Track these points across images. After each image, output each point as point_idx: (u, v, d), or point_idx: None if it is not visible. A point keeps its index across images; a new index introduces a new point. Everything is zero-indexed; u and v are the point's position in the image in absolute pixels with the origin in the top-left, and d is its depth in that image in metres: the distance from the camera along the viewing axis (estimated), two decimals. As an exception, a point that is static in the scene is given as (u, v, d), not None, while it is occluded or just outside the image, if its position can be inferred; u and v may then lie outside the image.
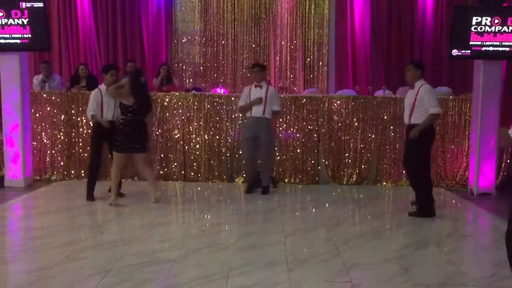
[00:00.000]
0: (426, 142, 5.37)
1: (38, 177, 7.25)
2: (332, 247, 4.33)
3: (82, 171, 7.23)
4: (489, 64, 6.55)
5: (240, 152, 7.14)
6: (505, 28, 6.35)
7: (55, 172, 7.31)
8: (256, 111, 6.39)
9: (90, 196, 5.97)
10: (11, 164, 6.88)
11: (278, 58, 9.61)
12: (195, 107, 7.24)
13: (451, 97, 7.29)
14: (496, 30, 6.36)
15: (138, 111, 5.66)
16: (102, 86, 6.01)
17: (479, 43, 6.41)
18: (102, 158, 6.15)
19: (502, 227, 5.12)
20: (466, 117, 7.08)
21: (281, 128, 7.24)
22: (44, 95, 7.29)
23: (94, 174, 6.02)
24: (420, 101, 5.28)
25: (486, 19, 6.35)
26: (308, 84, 9.49)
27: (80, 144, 7.23)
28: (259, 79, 6.49)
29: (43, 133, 7.27)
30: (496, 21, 6.34)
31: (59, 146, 7.27)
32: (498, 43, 6.39)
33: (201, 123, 7.23)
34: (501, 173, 6.97)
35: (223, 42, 9.63)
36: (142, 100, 5.71)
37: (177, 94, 7.43)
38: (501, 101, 6.74)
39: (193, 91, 7.74)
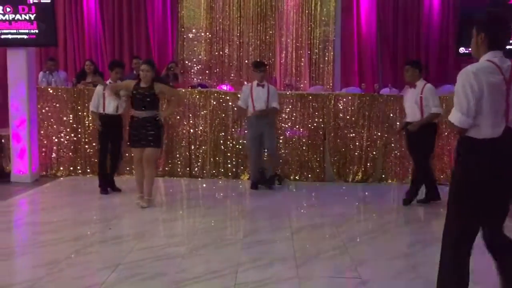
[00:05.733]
0: (429, 136, 5.69)
1: (44, 173, 7.27)
2: (340, 244, 4.33)
3: (88, 167, 7.25)
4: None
5: (245, 149, 7.13)
6: None
7: (61, 168, 7.31)
8: (258, 109, 6.40)
9: (103, 190, 6.14)
10: (18, 160, 6.90)
11: (283, 55, 9.59)
12: (200, 104, 7.25)
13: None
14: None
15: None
16: (109, 82, 6.10)
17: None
18: (107, 154, 6.17)
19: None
20: (473, 115, 7.04)
21: (286, 126, 7.24)
22: (51, 91, 7.30)
23: (99, 170, 6.20)
24: (426, 100, 5.58)
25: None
26: (314, 82, 9.48)
27: (86, 139, 7.24)
28: (261, 78, 6.48)
29: (49, 129, 7.28)
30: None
31: (65, 141, 7.29)
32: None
33: (207, 119, 7.23)
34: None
35: (228, 39, 9.62)
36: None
37: (183, 90, 7.43)
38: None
39: (199, 88, 7.74)
